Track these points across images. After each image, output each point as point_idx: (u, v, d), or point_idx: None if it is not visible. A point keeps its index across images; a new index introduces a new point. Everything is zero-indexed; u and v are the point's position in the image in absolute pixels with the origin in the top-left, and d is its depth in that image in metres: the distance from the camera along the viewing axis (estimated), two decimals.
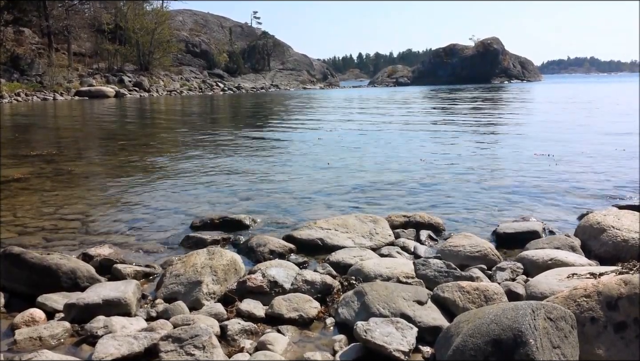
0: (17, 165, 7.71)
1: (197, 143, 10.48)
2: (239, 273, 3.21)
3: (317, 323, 2.69)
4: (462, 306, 2.57)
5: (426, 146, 9.36)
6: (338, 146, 9.62)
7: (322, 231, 3.99)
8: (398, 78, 78.00)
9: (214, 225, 4.38)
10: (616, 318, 2.09)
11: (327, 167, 7.26)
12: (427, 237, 4.05)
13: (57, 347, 2.44)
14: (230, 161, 8.04)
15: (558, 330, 1.93)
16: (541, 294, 2.65)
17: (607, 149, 8.44)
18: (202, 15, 65.25)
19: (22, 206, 5.14)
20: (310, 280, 2.98)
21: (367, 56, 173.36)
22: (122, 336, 2.34)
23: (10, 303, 2.93)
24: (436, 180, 6.26)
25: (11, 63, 35.97)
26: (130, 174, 7.00)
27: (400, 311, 2.52)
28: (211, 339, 2.25)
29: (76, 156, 8.86)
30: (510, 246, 3.82)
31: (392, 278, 3.04)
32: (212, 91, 49.87)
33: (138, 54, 47.54)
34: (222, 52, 59.56)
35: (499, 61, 73.15)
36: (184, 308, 2.75)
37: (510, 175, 6.48)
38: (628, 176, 6.32)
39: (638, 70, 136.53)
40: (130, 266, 3.43)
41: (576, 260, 3.20)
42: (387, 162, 7.70)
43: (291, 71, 67.59)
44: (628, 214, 3.81)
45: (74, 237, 4.19)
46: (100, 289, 2.85)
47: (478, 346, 1.88)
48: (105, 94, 36.17)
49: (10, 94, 30.92)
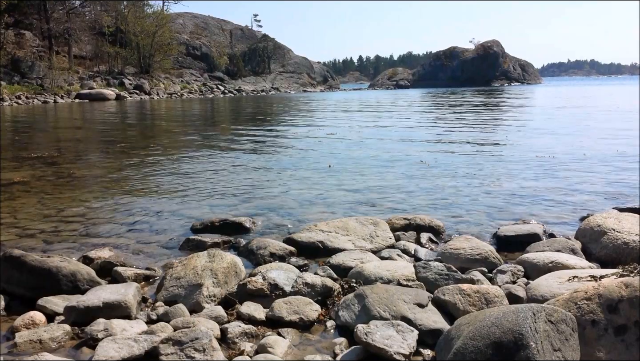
0: (17, 168, 7.72)
1: (197, 146, 10.48)
2: (239, 275, 3.21)
3: (317, 325, 2.68)
4: (462, 309, 2.57)
5: (427, 149, 9.36)
6: (339, 148, 9.63)
7: (323, 234, 3.98)
8: (398, 81, 78.13)
9: (215, 228, 4.38)
10: (617, 320, 2.08)
11: (328, 170, 7.26)
12: (427, 240, 4.05)
13: (57, 350, 2.43)
14: (230, 163, 8.05)
15: (559, 332, 1.93)
16: (542, 297, 2.65)
17: (607, 151, 8.44)
18: (203, 18, 65.35)
19: (22, 209, 5.14)
20: (311, 283, 2.98)
21: (368, 59, 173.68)
22: (122, 339, 2.33)
23: (10, 305, 2.93)
24: (437, 182, 6.26)
25: (12, 66, 36.03)
26: (130, 176, 7.01)
27: (400, 314, 2.52)
28: (211, 342, 2.25)
29: (76, 159, 8.87)
30: (510, 248, 3.82)
31: (393, 280, 3.03)
32: (212, 93, 49.91)
33: (139, 57, 47.59)
34: (222, 55, 59.63)
35: (499, 64, 73.21)
36: (185, 311, 2.75)
37: (511, 177, 6.48)
38: (629, 178, 6.31)
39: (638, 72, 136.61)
40: (131, 269, 3.43)
41: (577, 263, 3.20)
42: (387, 164, 7.70)
43: (291, 73, 67.64)
44: (629, 216, 3.81)
45: (75, 240, 4.19)
46: (101, 292, 2.85)
47: (479, 349, 1.88)
48: (105, 97, 36.21)
49: (11, 96, 30.98)
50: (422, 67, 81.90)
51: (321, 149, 9.54)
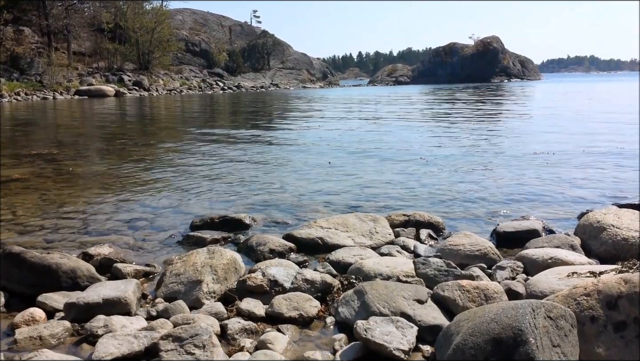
0: (17, 164, 7.71)
1: (197, 142, 10.47)
2: (239, 272, 3.21)
3: (317, 322, 2.69)
4: (462, 305, 2.57)
5: (426, 145, 9.36)
6: (338, 145, 9.62)
7: (322, 230, 3.99)
8: (398, 77, 77.93)
9: (214, 224, 4.38)
10: (616, 317, 2.09)
11: (327, 166, 7.26)
12: (427, 236, 4.05)
13: (57, 346, 2.44)
14: (230, 159, 8.04)
15: (558, 328, 1.93)
16: (541, 293, 2.66)
17: (606, 147, 8.44)
18: (202, 15, 65.14)
19: (22, 205, 5.14)
20: (310, 279, 2.98)
21: (367, 55, 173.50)
22: (122, 336, 2.34)
23: (10, 302, 2.93)
24: (436, 179, 6.26)
25: (11, 62, 35.91)
26: (129, 173, 7.00)
27: (400, 310, 2.52)
28: (211, 338, 2.25)
29: (76, 155, 8.86)
30: (510, 245, 3.82)
31: (392, 277, 3.04)
32: (211, 90, 49.81)
33: (138, 53, 47.47)
34: (221, 51, 59.47)
35: (498, 60, 73.02)
36: (184, 307, 2.75)
37: (510, 174, 6.48)
38: (628, 174, 6.32)
39: (638, 68, 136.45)
40: (131, 266, 3.43)
41: (576, 259, 3.21)
42: (387, 160, 7.70)
43: (291, 70, 67.49)
44: (628, 212, 3.81)
45: (74, 236, 4.19)
46: (101, 288, 2.85)
47: (478, 345, 1.88)
48: (105, 93, 36.10)
49: (10, 93, 30.88)
50: (422, 63, 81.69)
51: (321, 146, 9.53)
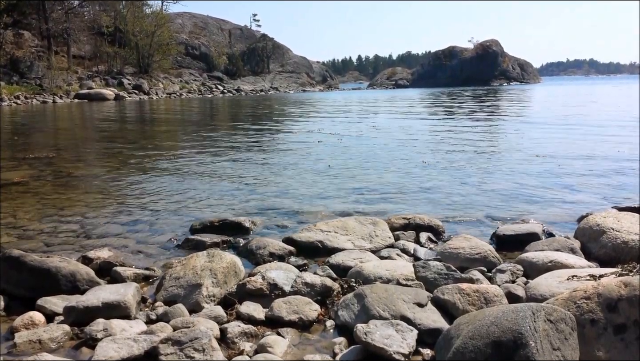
0: (16, 168, 7.71)
1: (196, 146, 10.47)
2: (238, 275, 3.21)
3: (317, 325, 2.68)
4: (462, 309, 2.57)
5: (426, 148, 9.36)
6: (338, 148, 9.62)
7: (322, 234, 3.98)
8: (397, 80, 78.06)
9: (214, 228, 4.37)
10: (616, 320, 2.09)
11: (327, 170, 7.26)
12: (426, 239, 4.05)
13: (57, 350, 2.43)
14: (229, 163, 8.05)
15: (558, 331, 1.93)
16: (541, 296, 2.66)
17: (606, 150, 8.45)
18: (202, 18, 65.26)
19: (21, 209, 5.14)
20: (310, 283, 2.98)
21: (367, 58, 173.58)
22: (121, 339, 2.33)
23: (9, 306, 2.93)
24: (436, 182, 6.26)
25: (10, 66, 35.93)
26: (129, 176, 7.00)
27: (400, 313, 2.52)
28: (211, 342, 2.25)
29: (75, 159, 8.85)
30: (510, 248, 3.82)
31: (392, 280, 3.03)
32: (211, 93, 49.86)
33: (138, 57, 47.52)
34: (221, 54, 59.55)
35: (498, 63, 73.16)
36: (184, 311, 2.75)
37: (510, 177, 6.48)
38: (628, 177, 6.32)
39: (637, 72, 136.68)
40: (130, 269, 3.42)
41: (576, 262, 3.21)
42: (387, 164, 7.70)
43: (290, 73, 67.58)
44: (628, 215, 3.81)
45: (74, 240, 4.19)
46: (100, 292, 2.85)
47: (478, 348, 1.88)
48: (104, 97, 36.14)
49: (10, 96, 30.88)
50: (421, 66, 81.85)
51: (321, 149, 9.54)
